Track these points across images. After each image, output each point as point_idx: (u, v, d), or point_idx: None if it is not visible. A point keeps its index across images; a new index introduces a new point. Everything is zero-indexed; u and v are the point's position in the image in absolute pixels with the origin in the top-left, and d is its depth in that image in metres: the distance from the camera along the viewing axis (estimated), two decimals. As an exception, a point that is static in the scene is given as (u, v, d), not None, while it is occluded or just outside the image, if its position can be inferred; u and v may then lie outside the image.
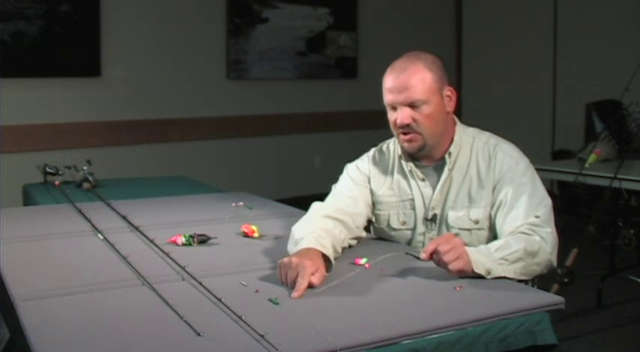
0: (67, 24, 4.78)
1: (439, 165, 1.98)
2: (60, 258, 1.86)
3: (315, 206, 2.00)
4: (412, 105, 1.90)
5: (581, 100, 5.23)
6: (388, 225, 2.04)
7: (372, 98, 6.53)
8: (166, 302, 1.45)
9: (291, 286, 1.56)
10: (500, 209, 1.89)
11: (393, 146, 2.08)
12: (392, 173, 2.05)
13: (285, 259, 1.63)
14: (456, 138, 1.97)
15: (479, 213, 1.91)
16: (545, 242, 1.81)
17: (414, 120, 1.91)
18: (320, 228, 1.82)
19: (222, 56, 5.59)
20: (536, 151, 2.04)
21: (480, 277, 1.65)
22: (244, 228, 2.09)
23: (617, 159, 3.81)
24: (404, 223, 2.02)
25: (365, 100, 6.33)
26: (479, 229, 1.92)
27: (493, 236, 1.92)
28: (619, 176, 3.49)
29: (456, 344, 1.36)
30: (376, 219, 2.08)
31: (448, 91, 1.94)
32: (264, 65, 5.81)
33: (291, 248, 1.78)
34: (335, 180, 2.15)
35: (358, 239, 2.01)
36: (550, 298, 1.55)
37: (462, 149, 1.97)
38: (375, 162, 2.09)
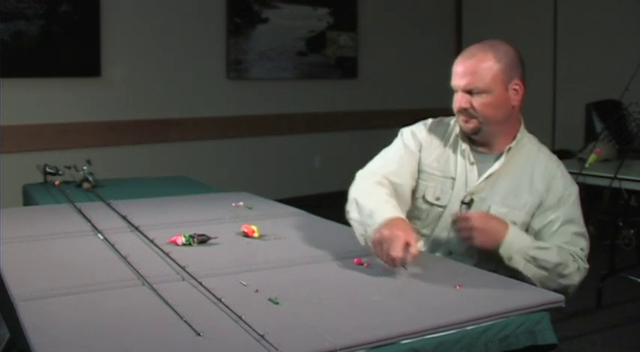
0: (67, 24, 4.78)
1: (496, 157, 1.98)
2: (60, 258, 1.86)
3: (365, 175, 2.00)
4: (470, 92, 1.91)
5: (581, 100, 5.23)
6: (423, 196, 2.04)
7: (372, 98, 6.59)
8: (166, 302, 1.45)
9: (389, 259, 1.65)
10: (551, 224, 1.92)
11: (454, 123, 2.07)
12: (444, 147, 2.06)
13: (377, 235, 1.69)
14: (518, 136, 1.99)
15: (519, 216, 1.92)
16: (579, 272, 1.88)
17: (472, 106, 1.92)
18: (386, 195, 1.88)
19: (222, 56, 5.59)
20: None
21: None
22: (244, 228, 2.09)
23: (617, 159, 3.82)
24: (437, 199, 2.02)
25: (365, 100, 6.34)
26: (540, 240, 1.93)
27: None
28: (619, 176, 3.49)
29: (456, 344, 1.36)
30: (415, 187, 2.07)
31: (516, 85, 1.94)
32: (264, 65, 5.81)
33: (366, 220, 1.81)
34: (335, 180, 2.15)
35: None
36: (550, 296, 1.56)
37: (522, 150, 1.99)
38: (430, 130, 2.10)
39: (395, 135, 2.13)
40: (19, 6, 4.58)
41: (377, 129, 5.77)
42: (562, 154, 5.07)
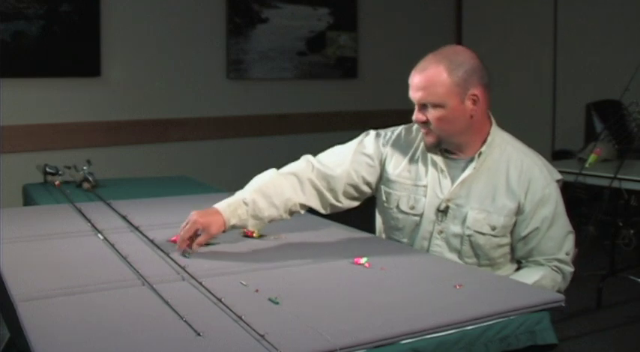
0: (67, 24, 4.78)
1: (468, 161, 1.96)
2: (60, 258, 1.86)
3: (303, 158, 2.13)
4: (424, 106, 1.91)
5: (581, 100, 5.23)
6: (397, 206, 2.04)
7: (372, 98, 6.59)
8: (166, 302, 1.45)
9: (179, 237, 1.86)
10: (535, 232, 1.91)
11: None
12: (414, 155, 2.05)
13: (194, 214, 1.85)
14: (489, 139, 1.96)
15: (499, 220, 1.91)
16: (564, 281, 1.92)
17: (428, 119, 1.92)
18: (264, 190, 1.96)
19: (222, 56, 5.59)
20: (536, 151, 2.04)
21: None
22: (244, 228, 2.09)
23: (617, 159, 3.82)
24: (412, 208, 2.01)
25: (365, 100, 6.33)
26: (494, 236, 1.92)
27: (507, 244, 1.94)
28: (619, 176, 3.49)
29: (456, 344, 1.36)
30: (387, 198, 2.07)
31: (473, 96, 1.90)
32: (264, 65, 5.81)
33: (237, 194, 1.96)
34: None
35: (333, 206, 2.06)
36: (550, 295, 1.56)
37: (494, 151, 1.96)
38: (399, 140, 2.09)
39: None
40: (19, 6, 4.58)
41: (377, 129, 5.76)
42: (562, 154, 5.12)
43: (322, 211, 2.08)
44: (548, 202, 1.90)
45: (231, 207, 1.91)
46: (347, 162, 2.08)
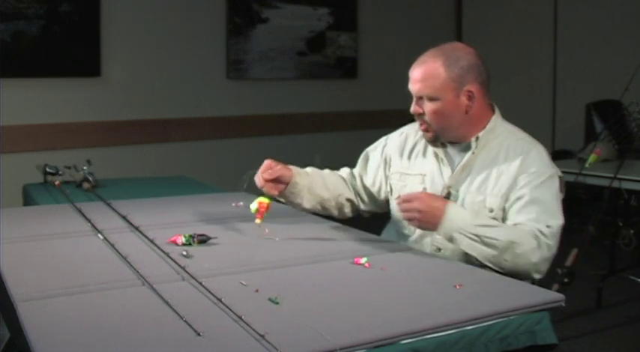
0: (67, 24, 4.78)
1: (466, 147, 1.99)
2: (60, 258, 1.86)
3: (345, 169, 2.33)
4: (421, 98, 1.95)
5: (581, 100, 5.23)
6: (399, 196, 2.06)
7: (372, 98, 6.60)
8: (166, 302, 1.45)
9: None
10: (517, 201, 1.88)
11: None
12: (414, 148, 2.12)
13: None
14: (489, 126, 1.98)
15: (495, 201, 1.91)
16: (539, 250, 1.80)
17: (424, 111, 1.96)
18: (321, 174, 2.24)
19: (222, 56, 5.59)
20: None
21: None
22: (257, 204, 2.11)
23: (617, 159, 3.82)
24: None
25: (365, 100, 6.34)
26: (492, 218, 1.91)
27: None
28: (619, 176, 3.49)
29: (456, 344, 1.36)
30: (391, 190, 2.15)
31: (469, 92, 1.92)
32: (264, 65, 5.81)
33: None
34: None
35: (370, 212, 2.28)
36: (550, 295, 1.56)
37: (493, 138, 1.98)
38: (403, 134, 2.18)
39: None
40: (19, 6, 4.58)
41: (377, 129, 5.74)
42: (562, 154, 5.12)
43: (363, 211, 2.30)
44: (536, 181, 1.88)
45: (297, 169, 2.20)
46: (368, 175, 2.25)
